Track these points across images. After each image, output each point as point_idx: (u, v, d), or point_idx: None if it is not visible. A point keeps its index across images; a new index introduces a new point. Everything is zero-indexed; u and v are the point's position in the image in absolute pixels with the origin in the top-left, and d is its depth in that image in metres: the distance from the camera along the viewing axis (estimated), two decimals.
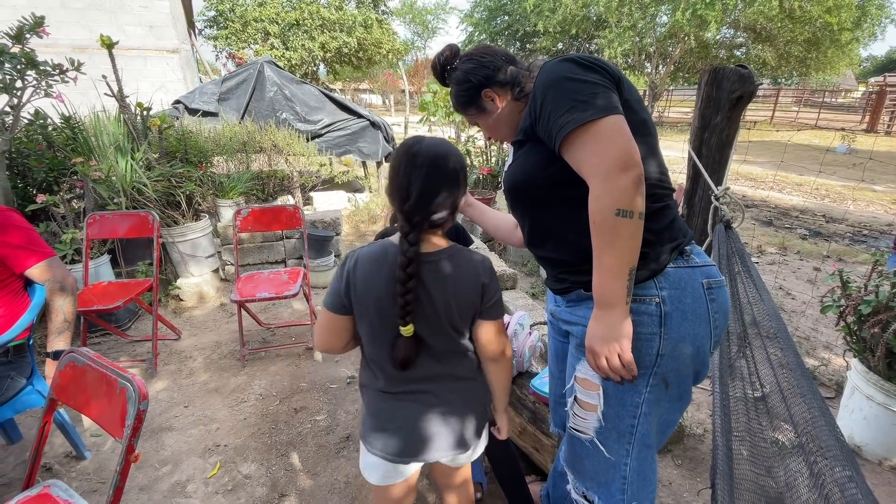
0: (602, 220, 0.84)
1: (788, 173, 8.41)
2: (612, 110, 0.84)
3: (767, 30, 13.73)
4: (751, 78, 1.62)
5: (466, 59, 1.11)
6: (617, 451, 1.00)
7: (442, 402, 1.05)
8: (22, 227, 1.64)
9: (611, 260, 0.85)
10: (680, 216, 1.00)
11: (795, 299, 3.49)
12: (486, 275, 1.00)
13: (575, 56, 0.92)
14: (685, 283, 0.93)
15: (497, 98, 1.10)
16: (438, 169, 0.95)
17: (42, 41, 2.64)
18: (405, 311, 0.93)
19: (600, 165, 0.83)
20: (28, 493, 1.22)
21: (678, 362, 0.94)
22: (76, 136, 3.14)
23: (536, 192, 1.01)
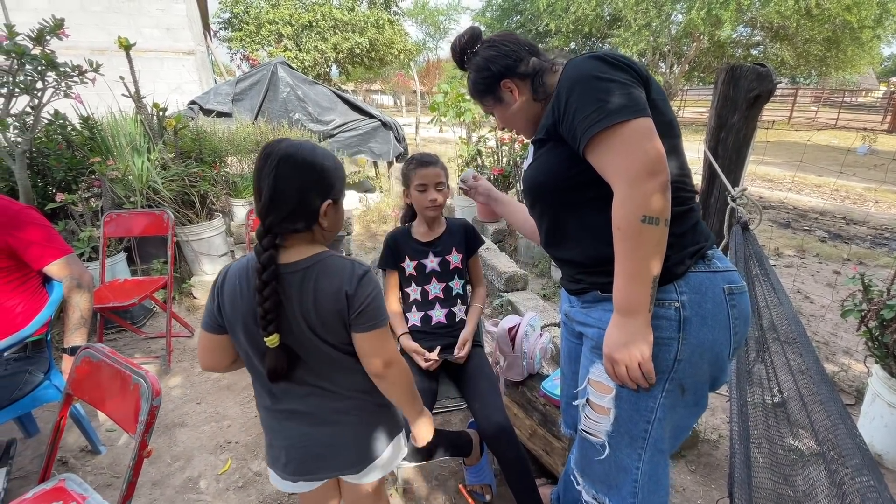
0: (627, 226, 0.82)
1: (807, 174, 8.24)
2: (640, 112, 0.82)
3: (785, 28, 13.48)
4: (769, 76, 1.58)
5: (488, 46, 1.07)
6: (629, 456, 0.98)
7: (325, 421, 1.00)
8: (41, 224, 1.67)
9: (635, 267, 0.84)
10: (699, 217, 0.97)
11: (814, 303, 3.41)
12: (349, 283, 0.90)
13: (602, 53, 0.88)
14: (706, 289, 0.91)
15: (516, 90, 1.06)
16: (293, 169, 0.88)
17: (62, 43, 2.69)
18: (266, 321, 0.88)
19: (627, 170, 0.81)
20: (44, 487, 1.24)
21: (695, 368, 0.92)
22: (94, 136, 3.19)
23: (557, 193, 0.99)
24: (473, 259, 1.71)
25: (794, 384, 1.58)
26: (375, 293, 0.93)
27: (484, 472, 1.66)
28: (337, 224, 0.98)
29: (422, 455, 1.38)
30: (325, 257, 0.93)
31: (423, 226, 1.64)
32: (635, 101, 0.82)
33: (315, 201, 0.91)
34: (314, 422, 1.00)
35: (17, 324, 1.63)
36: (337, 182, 0.95)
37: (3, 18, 7.12)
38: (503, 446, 1.40)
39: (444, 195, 1.55)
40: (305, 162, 0.89)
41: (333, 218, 0.96)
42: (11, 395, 1.58)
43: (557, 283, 3.57)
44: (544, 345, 1.81)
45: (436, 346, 1.60)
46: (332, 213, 0.94)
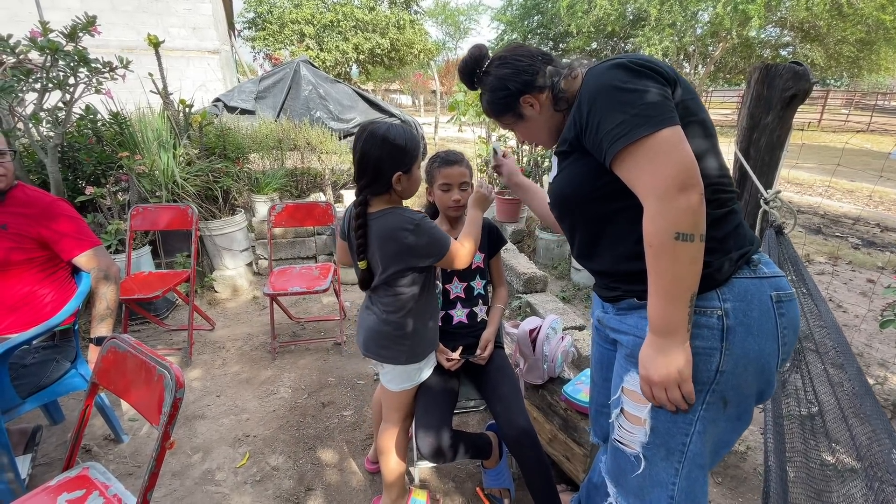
0: (660, 243, 0.78)
1: (839, 179, 7.95)
2: (667, 121, 0.78)
3: (816, 28, 13.06)
4: (806, 75, 1.52)
5: (500, 64, 1.04)
6: (665, 470, 0.92)
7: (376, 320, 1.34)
8: (72, 216, 1.70)
9: (670, 286, 0.80)
10: (743, 219, 0.92)
11: (847, 312, 3.28)
12: (406, 228, 1.20)
13: (625, 60, 0.84)
14: (751, 296, 0.85)
15: (537, 103, 1.03)
16: (373, 144, 1.18)
17: (93, 42, 2.75)
18: (358, 251, 1.25)
19: (656, 185, 0.77)
20: (68, 474, 1.25)
21: (739, 380, 0.86)
22: (123, 131, 3.26)
23: (586, 205, 0.95)
24: (495, 259, 1.68)
25: (833, 396, 1.51)
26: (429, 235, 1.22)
27: (503, 476, 1.63)
28: (409, 190, 1.28)
29: (439, 456, 1.36)
30: (392, 210, 1.24)
31: (445, 224, 1.61)
32: (660, 111, 0.78)
33: (388, 171, 1.20)
34: (371, 318, 1.36)
35: (47, 313, 1.67)
36: (406, 157, 1.22)
37: (38, 16, 7.36)
38: (525, 450, 1.37)
39: (468, 195, 1.53)
40: (383, 139, 1.18)
41: (406, 185, 1.25)
42: (39, 383, 1.62)
43: (577, 286, 3.51)
44: (566, 348, 1.77)
45: (457, 345, 1.57)
46: (404, 181, 1.24)
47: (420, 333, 1.36)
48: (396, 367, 1.37)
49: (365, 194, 1.24)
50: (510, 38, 19.25)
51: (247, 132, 4.52)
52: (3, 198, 1.60)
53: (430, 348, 1.41)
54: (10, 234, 1.57)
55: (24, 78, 2.52)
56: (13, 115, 2.68)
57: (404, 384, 1.40)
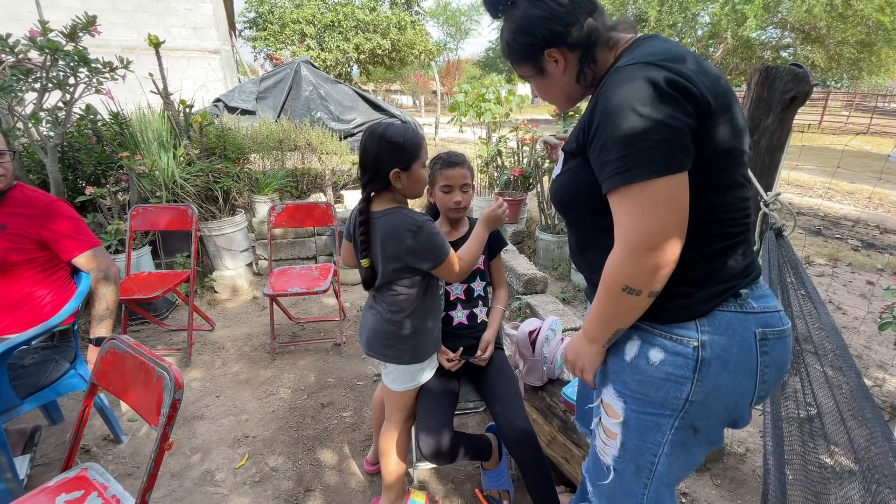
0: (610, 285, 0.80)
1: (839, 181, 7.96)
2: (668, 169, 0.71)
3: (817, 30, 13.07)
4: (806, 77, 1.52)
5: (536, 1, 0.86)
6: (634, 483, 0.94)
7: (380, 320, 1.35)
8: (71, 217, 1.70)
9: (603, 317, 0.85)
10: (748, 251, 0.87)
11: (847, 314, 3.28)
12: (410, 238, 1.20)
13: (660, 77, 0.72)
14: (733, 331, 0.81)
15: (563, 61, 0.89)
16: (371, 142, 1.21)
17: (93, 41, 2.75)
18: (361, 249, 1.28)
19: (629, 235, 0.75)
20: (66, 475, 1.25)
21: (710, 411, 0.85)
22: (123, 131, 3.26)
23: (584, 213, 0.94)
24: (496, 260, 1.68)
25: (831, 399, 1.51)
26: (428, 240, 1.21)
27: (502, 477, 1.63)
28: (411, 189, 1.28)
29: (441, 457, 1.36)
30: (396, 210, 1.25)
31: (446, 225, 1.61)
32: (668, 153, 0.71)
33: (386, 168, 1.21)
34: (374, 317, 1.36)
35: (46, 313, 1.66)
36: (403, 154, 1.22)
37: (38, 15, 7.37)
38: (525, 451, 1.37)
39: (469, 196, 1.53)
40: (381, 136, 1.20)
41: (407, 183, 1.25)
42: (38, 383, 1.62)
43: (577, 287, 3.51)
44: (565, 350, 1.77)
45: (458, 346, 1.57)
46: (403, 178, 1.24)
47: (423, 334, 1.36)
48: (399, 367, 1.38)
49: (368, 192, 1.27)
50: None
51: (247, 132, 4.52)
52: (2, 198, 1.60)
53: (432, 349, 1.42)
54: (9, 235, 1.57)
55: (23, 77, 2.52)
56: (13, 114, 2.68)
57: (407, 384, 1.40)
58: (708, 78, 0.76)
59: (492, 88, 4.93)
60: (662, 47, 0.79)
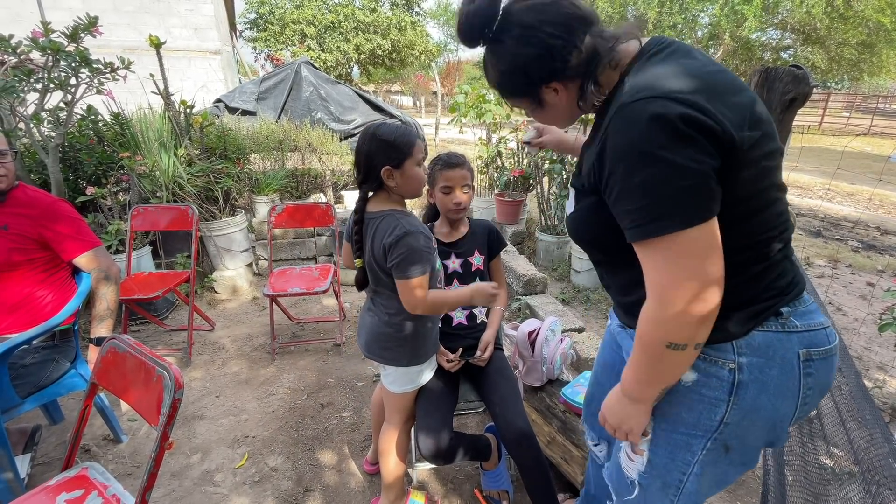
0: (650, 344, 0.73)
1: (839, 182, 7.96)
2: (696, 218, 0.64)
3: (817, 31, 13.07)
4: (806, 79, 1.52)
5: (525, 36, 0.75)
6: (660, 499, 0.91)
7: (377, 322, 1.35)
8: (72, 217, 1.71)
9: (645, 377, 0.78)
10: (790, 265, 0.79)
11: (847, 315, 3.29)
12: (390, 237, 1.18)
13: (675, 114, 0.63)
14: (773, 352, 0.75)
15: (563, 91, 0.80)
16: (364, 141, 1.22)
17: (95, 42, 2.76)
18: (355, 249, 1.28)
19: (662, 291, 0.68)
20: (67, 474, 1.26)
21: (745, 432, 0.79)
22: (124, 131, 3.27)
23: (604, 249, 0.88)
24: (495, 261, 1.68)
25: (831, 400, 1.51)
26: (406, 252, 1.17)
27: (502, 478, 1.63)
28: (406, 188, 1.26)
29: (440, 458, 1.36)
30: (390, 213, 1.24)
31: (445, 226, 1.62)
32: (696, 202, 0.64)
33: (377, 166, 1.21)
34: (372, 319, 1.36)
35: (47, 313, 1.67)
36: (394, 152, 1.21)
37: (40, 16, 7.38)
38: (524, 452, 1.37)
39: (469, 197, 1.53)
40: (372, 135, 1.21)
41: (400, 181, 1.24)
42: (39, 383, 1.62)
43: (577, 288, 3.51)
44: (565, 350, 1.77)
45: (457, 347, 1.58)
46: (396, 176, 1.23)
47: (421, 335, 1.36)
48: (398, 369, 1.38)
49: (364, 191, 1.27)
50: None
51: (248, 133, 4.53)
52: (4, 198, 1.60)
53: (431, 350, 1.42)
54: (10, 235, 1.58)
55: (25, 78, 2.53)
56: (14, 115, 2.69)
57: (406, 386, 1.40)
58: (725, 104, 0.66)
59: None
60: (678, 68, 0.69)
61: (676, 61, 0.71)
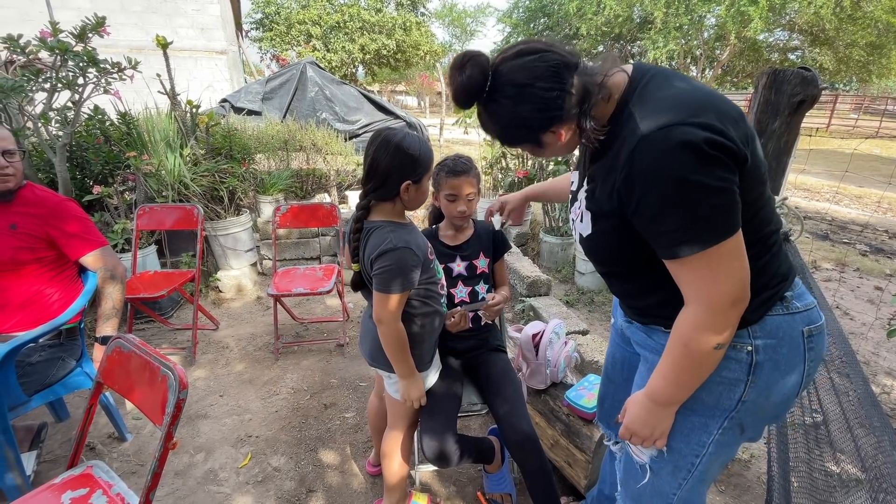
0: (697, 349, 0.78)
1: (847, 184, 7.89)
2: (731, 230, 0.72)
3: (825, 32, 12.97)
4: (814, 81, 1.51)
5: (519, 94, 0.78)
6: (668, 483, 0.95)
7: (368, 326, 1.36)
8: (79, 216, 1.72)
9: (687, 380, 0.83)
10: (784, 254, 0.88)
11: (854, 320, 3.25)
12: (374, 251, 1.18)
13: (699, 139, 0.68)
14: (783, 333, 0.84)
15: (562, 133, 0.83)
16: (385, 152, 1.17)
17: (102, 42, 2.77)
18: (352, 253, 1.27)
19: (711, 298, 0.75)
20: (72, 473, 1.26)
21: (759, 408, 0.87)
22: (131, 131, 3.28)
23: (624, 265, 0.92)
24: (499, 263, 1.68)
25: (838, 406, 1.50)
26: (387, 267, 1.16)
27: (505, 481, 1.63)
28: (416, 201, 1.26)
29: (444, 460, 1.36)
30: (385, 224, 1.22)
31: (450, 229, 1.61)
32: (729, 217, 0.72)
33: (397, 179, 1.19)
34: (370, 323, 1.32)
35: (53, 311, 1.68)
36: (418, 168, 1.20)
37: (48, 15, 7.44)
38: (528, 455, 1.37)
39: (473, 205, 1.52)
40: (397, 147, 1.17)
41: (414, 195, 1.24)
42: (45, 381, 1.63)
43: (581, 290, 3.50)
44: (569, 353, 1.76)
45: (460, 346, 1.57)
46: (412, 191, 1.22)
47: (425, 342, 1.35)
48: None
49: (369, 199, 1.24)
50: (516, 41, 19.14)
51: (253, 133, 4.54)
52: (12, 197, 1.61)
53: (434, 353, 1.41)
54: (19, 234, 1.59)
55: (33, 77, 2.54)
56: (23, 114, 2.71)
57: None
58: (730, 123, 0.72)
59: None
60: (679, 96, 0.75)
61: (673, 85, 0.77)
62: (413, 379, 1.32)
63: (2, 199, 1.60)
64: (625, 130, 0.77)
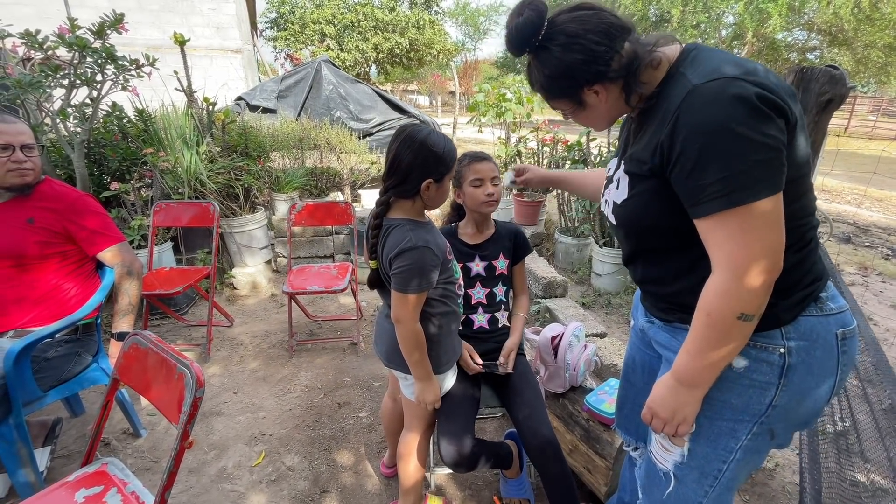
0: (720, 318, 0.75)
1: (868, 187, 7.70)
2: (772, 189, 0.69)
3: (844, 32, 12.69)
4: (843, 79, 1.46)
5: (570, 44, 0.80)
6: (694, 490, 0.91)
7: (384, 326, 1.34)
8: (98, 212, 1.72)
9: (714, 356, 0.78)
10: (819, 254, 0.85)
11: (878, 325, 3.16)
12: (393, 250, 1.16)
13: (751, 93, 0.68)
14: (817, 335, 0.81)
15: (604, 93, 0.84)
16: (409, 149, 1.15)
17: (120, 40, 2.79)
18: (370, 250, 1.24)
19: (739, 261, 0.71)
20: (87, 470, 1.25)
21: (791, 413, 0.84)
22: (148, 128, 3.31)
23: (659, 237, 0.88)
24: (519, 266, 1.64)
25: (870, 415, 1.44)
26: (406, 266, 1.14)
27: (524, 486, 1.59)
28: (437, 200, 1.24)
29: (462, 465, 1.33)
30: (404, 223, 1.20)
31: (471, 227, 1.58)
32: (770, 174, 0.69)
33: (419, 177, 1.16)
34: (392, 327, 1.26)
35: (71, 307, 1.68)
36: (441, 166, 1.18)
37: (66, 13, 7.54)
38: (548, 461, 1.33)
39: (499, 190, 1.50)
40: (421, 144, 1.15)
41: (435, 194, 1.21)
42: (60, 376, 1.63)
43: (598, 292, 3.45)
44: (589, 357, 1.72)
45: (478, 351, 1.54)
46: (433, 189, 1.19)
47: (443, 343, 1.32)
48: None
49: (389, 195, 1.21)
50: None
51: (268, 131, 4.55)
52: (30, 192, 1.62)
53: (453, 357, 1.38)
54: (36, 228, 1.59)
55: (52, 74, 2.56)
56: (41, 110, 2.73)
57: None
58: (784, 89, 0.72)
59: (513, 88, 4.88)
60: (734, 59, 0.75)
61: (722, 53, 0.78)
62: (429, 382, 1.29)
63: (20, 192, 1.60)
64: (674, 89, 0.77)
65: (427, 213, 1.31)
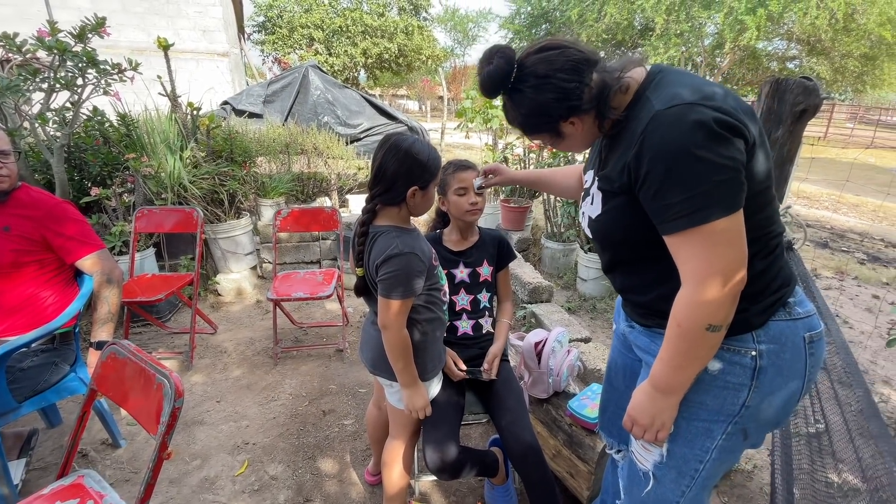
0: (690, 328, 0.79)
1: (844, 193, 7.92)
2: (733, 207, 0.74)
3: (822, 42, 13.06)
4: (816, 90, 1.51)
5: (541, 84, 0.84)
6: (672, 490, 0.95)
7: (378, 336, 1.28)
8: (76, 219, 1.69)
9: (685, 363, 0.83)
10: (785, 260, 0.89)
11: (853, 329, 3.24)
12: (380, 256, 1.17)
13: (711, 116, 0.72)
14: (785, 338, 0.85)
15: (579, 123, 0.89)
16: (394, 157, 1.17)
17: (102, 42, 2.75)
18: (356, 258, 1.25)
19: (704, 275, 0.76)
20: (62, 482, 1.23)
21: (763, 414, 0.88)
22: (130, 132, 3.26)
23: (633, 248, 0.92)
24: (503, 272, 1.66)
25: (840, 416, 1.48)
26: (392, 273, 1.15)
27: (510, 495, 1.60)
28: (422, 207, 1.26)
29: (446, 473, 1.33)
30: (390, 230, 1.21)
31: (455, 234, 1.59)
32: (730, 193, 0.73)
33: (404, 184, 1.18)
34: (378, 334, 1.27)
35: (48, 315, 1.65)
36: (426, 174, 1.20)
37: (47, 14, 7.42)
38: (530, 467, 1.34)
39: (483, 199, 1.52)
40: (406, 152, 1.17)
41: (420, 201, 1.23)
42: (36, 387, 1.60)
43: (583, 297, 3.48)
44: (572, 362, 1.74)
45: (462, 357, 1.55)
46: (418, 196, 1.21)
47: (428, 350, 1.33)
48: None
49: (375, 203, 1.23)
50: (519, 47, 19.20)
51: (254, 136, 4.52)
52: (5, 199, 1.59)
53: (438, 365, 1.39)
54: (12, 237, 1.56)
55: (30, 77, 2.52)
56: (19, 114, 2.68)
57: None
58: (743, 110, 0.77)
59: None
60: (693, 83, 0.79)
61: (685, 75, 0.82)
62: (416, 388, 1.30)
63: None
64: (641, 112, 0.81)
65: (413, 220, 1.32)
